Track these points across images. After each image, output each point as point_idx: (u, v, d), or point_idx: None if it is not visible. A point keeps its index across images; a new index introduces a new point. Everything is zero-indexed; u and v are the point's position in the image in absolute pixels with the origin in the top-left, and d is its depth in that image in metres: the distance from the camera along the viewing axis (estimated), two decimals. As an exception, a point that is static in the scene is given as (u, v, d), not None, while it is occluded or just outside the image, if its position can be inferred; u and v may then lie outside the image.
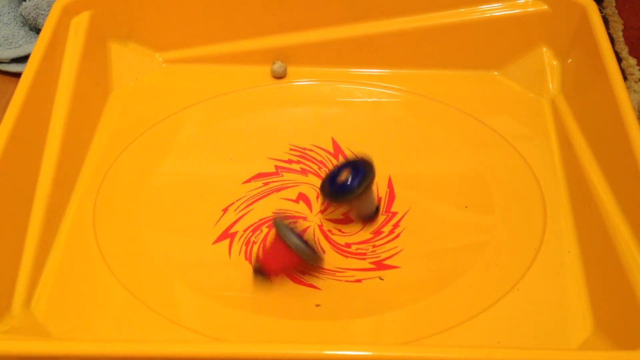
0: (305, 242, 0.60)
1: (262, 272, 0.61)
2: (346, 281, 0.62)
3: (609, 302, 0.58)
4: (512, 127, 0.74)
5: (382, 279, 0.62)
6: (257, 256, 0.62)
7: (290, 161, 0.72)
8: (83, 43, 0.73)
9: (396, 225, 0.66)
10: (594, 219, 0.62)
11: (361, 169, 0.63)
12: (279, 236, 0.59)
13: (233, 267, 0.63)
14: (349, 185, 0.63)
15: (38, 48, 0.68)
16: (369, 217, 0.66)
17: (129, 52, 0.79)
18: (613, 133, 0.63)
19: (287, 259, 0.60)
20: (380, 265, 0.63)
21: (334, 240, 0.65)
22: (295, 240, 0.59)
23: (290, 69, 0.79)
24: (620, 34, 0.88)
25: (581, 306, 0.59)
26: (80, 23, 0.73)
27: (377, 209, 0.66)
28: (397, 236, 0.65)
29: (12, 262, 0.60)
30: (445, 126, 0.75)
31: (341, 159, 0.69)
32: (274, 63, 0.79)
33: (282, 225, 0.60)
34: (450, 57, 0.79)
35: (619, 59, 0.84)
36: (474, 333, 0.58)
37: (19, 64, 0.83)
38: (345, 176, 0.64)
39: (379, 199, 0.67)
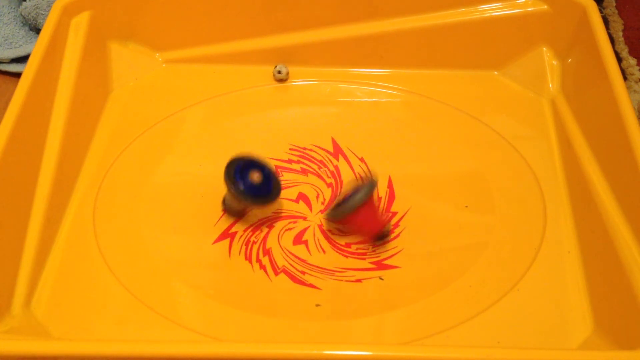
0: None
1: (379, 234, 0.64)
2: (346, 281, 0.62)
3: (609, 302, 0.58)
4: (512, 127, 0.74)
5: (382, 279, 0.62)
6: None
7: (290, 161, 0.72)
8: (83, 43, 0.73)
9: (396, 225, 0.66)
10: (594, 219, 0.62)
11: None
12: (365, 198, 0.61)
13: (233, 267, 0.63)
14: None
15: (38, 48, 0.68)
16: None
17: (129, 52, 0.79)
18: (613, 133, 0.63)
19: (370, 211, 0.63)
20: (380, 265, 0.63)
21: (334, 240, 0.65)
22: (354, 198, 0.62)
23: (290, 69, 0.79)
24: (620, 34, 0.88)
25: (581, 306, 0.59)
26: (80, 23, 0.73)
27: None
28: (397, 236, 0.65)
29: (12, 262, 0.60)
30: (445, 126, 0.75)
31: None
32: (276, 67, 0.78)
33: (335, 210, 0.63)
34: (450, 57, 0.79)
35: (619, 59, 0.84)
36: (474, 333, 0.58)
37: (19, 64, 0.83)
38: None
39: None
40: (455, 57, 0.79)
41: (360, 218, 0.63)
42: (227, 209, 0.66)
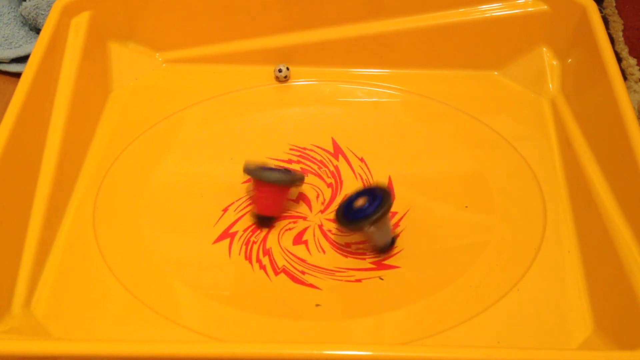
0: (279, 171, 0.65)
1: (265, 218, 0.65)
2: (346, 281, 0.62)
3: (609, 302, 0.58)
4: (512, 127, 0.74)
5: (382, 279, 0.62)
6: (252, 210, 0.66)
7: (290, 161, 0.72)
8: (83, 43, 0.73)
9: (396, 225, 0.66)
10: (594, 219, 0.62)
11: (379, 195, 0.62)
12: (257, 179, 0.64)
13: (233, 267, 0.63)
14: (364, 211, 0.61)
15: (38, 48, 0.68)
16: (384, 249, 0.64)
17: (129, 52, 0.79)
18: (613, 133, 0.63)
19: (275, 194, 0.64)
20: (380, 265, 0.63)
21: (334, 240, 0.65)
22: (270, 174, 0.64)
23: (291, 69, 0.79)
24: (620, 34, 0.88)
25: (581, 306, 0.59)
26: (80, 23, 0.73)
27: (393, 241, 0.64)
28: (397, 236, 0.65)
29: (12, 262, 0.60)
30: (445, 126, 0.75)
31: (359, 185, 0.68)
32: (277, 67, 0.78)
33: (252, 169, 0.64)
34: (450, 57, 0.79)
35: (619, 59, 0.84)
36: (474, 333, 0.58)
37: (19, 64, 0.83)
38: (362, 202, 0.63)
39: (396, 230, 0.66)
40: (455, 57, 0.79)
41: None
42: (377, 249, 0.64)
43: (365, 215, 0.61)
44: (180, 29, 0.79)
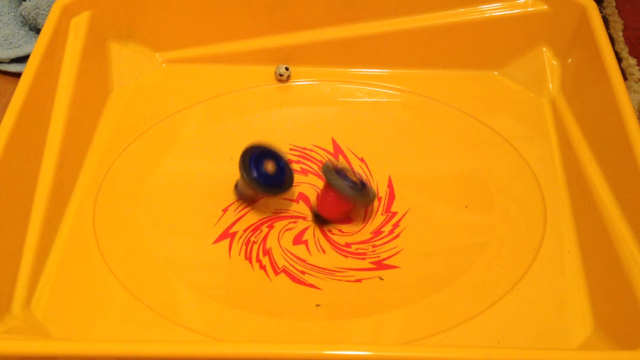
0: (355, 186, 0.63)
1: (322, 218, 0.65)
2: (346, 281, 0.62)
3: (609, 302, 0.58)
4: (512, 127, 0.74)
5: (382, 279, 0.62)
6: (315, 204, 0.67)
7: (290, 161, 0.71)
8: (83, 43, 0.73)
9: (396, 225, 0.66)
10: (594, 219, 0.62)
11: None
12: (329, 183, 0.63)
13: (233, 267, 0.63)
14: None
15: (38, 48, 0.68)
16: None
17: (129, 52, 0.79)
18: (613, 133, 0.63)
19: (341, 203, 0.64)
20: (380, 265, 0.63)
21: (334, 240, 0.65)
22: (342, 184, 0.63)
23: (290, 69, 0.79)
24: (620, 33, 0.88)
25: (581, 306, 0.59)
26: (80, 23, 0.73)
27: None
28: (397, 236, 0.65)
29: (12, 262, 0.60)
30: (445, 126, 0.75)
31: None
32: (278, 68, 0.78)
33: (329, 170, 0.63)
34: (450, 57, 0.79)
35: (619, 59, 0.84)
36: (474, 333, 0.58)
37: (19, 64, 0.83)
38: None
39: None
40: (455, 57, 0.79)
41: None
42: (239, 195, 0.67)
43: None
44: (180, 29, 0.79)
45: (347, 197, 0.63)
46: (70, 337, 0.58)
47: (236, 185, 0.67)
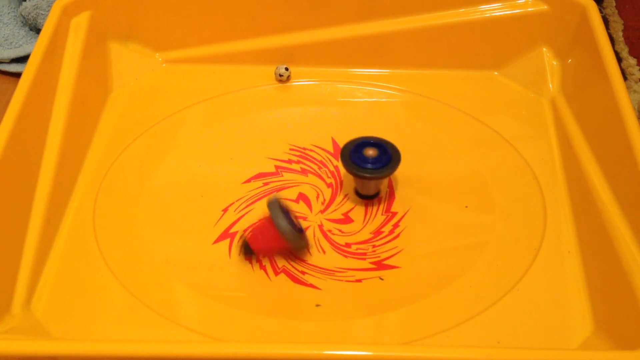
0: (294, 228, 0.60)
1: (249, 248, 0.62)
2: (346, 281, 0.62)
3: (609, 302, 0.58)
4: (512, 127, 0.74)
5: (382, 279, 0.62)
6: (245, 233, 0.63)
7: (290, 161, 0.72)
8: (83, 43, 0.73)
9: (396, 225, 0.66)
10: (594, 219, 0.62)
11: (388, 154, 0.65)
12: (270, 216, 0.60)
13: (233, 267, 0.63)
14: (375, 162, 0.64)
15: (38, 48, 0.68)
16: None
17: (128, 52, 0.79)
18: (613, 133, 0.63)
19: (274, 240, 0.61)
20: (380, 265, 0.63)
21: (334, 240, 0.65)
22: (283, 224, 0.60)
23: (290, 69, 0.79)
24: (620, 33, 0.88)
25: (581, 306, 0.59)
26: (80, 23, 0.73)
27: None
28: (397, 236, 0.65)
29: (12, 262, 0.60)
30: (445, 126, 0.75)
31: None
32: (277, 68, 0.78)
33: (275, 206, 0.61)
34: (450, 57, 0.79)
35: (619, 59, 0.84)
36: (474, 333, 0.58)
37: (19, 64, 0.83)
38: (373, 153, 0.65)
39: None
40: (455, 57, 0.79)
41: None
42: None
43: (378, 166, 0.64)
44: (180, 29, 0.79)
45: (285, 237, 0.60)
46: (70, 337, 0.58)
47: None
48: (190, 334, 0.58)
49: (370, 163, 0.65)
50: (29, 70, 0.66)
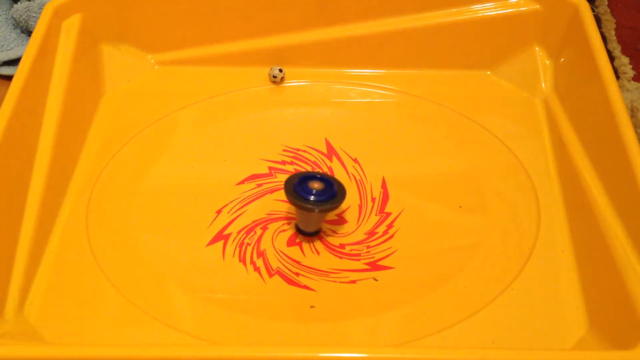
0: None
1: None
2: (340, 282, 0.62)
3: (603, 302, 0.58)
4: (505, 127, 0.74)
5: (376, 280, 0.62)
6: None
7: (283, 162, 0.71)
8: (75, 45, 0.72)
9: (390, 226, 0.66)
10: (588, 219, 0.62)
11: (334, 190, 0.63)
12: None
13: (227, 269, 0.63)
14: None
15: (29, 51, 0.67)
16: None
17: (121, 54, 0.79)
18: (606, 132, 0.63)
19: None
20: (374, 266, 0.63)
21: (328, 241, 0.65)
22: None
23: (284, 70, 0.79)
24: (613, 32, 0.89)
25: (575, 306, 0.59)
26: (71, 25, 0.73)
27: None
28: (391, 237, 0.65)
29: (4, 266, 0.59)
30: (438, 126, 0.75)
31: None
32: (272, 70, 0.78)
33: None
34: (443, 57, 0.79)
35: (612, 58, 0.84)
36: (469, 333, 0.58)
37: (11, 66, 0.83)
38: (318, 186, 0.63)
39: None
40: (448, 57, 0.79)
41: None
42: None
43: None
44: (173, 30, 0.79)
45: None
46: (64, 342, 0.57)
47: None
48: (184, 337, 0.58)
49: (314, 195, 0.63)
50: (20, 73, 0.65)
